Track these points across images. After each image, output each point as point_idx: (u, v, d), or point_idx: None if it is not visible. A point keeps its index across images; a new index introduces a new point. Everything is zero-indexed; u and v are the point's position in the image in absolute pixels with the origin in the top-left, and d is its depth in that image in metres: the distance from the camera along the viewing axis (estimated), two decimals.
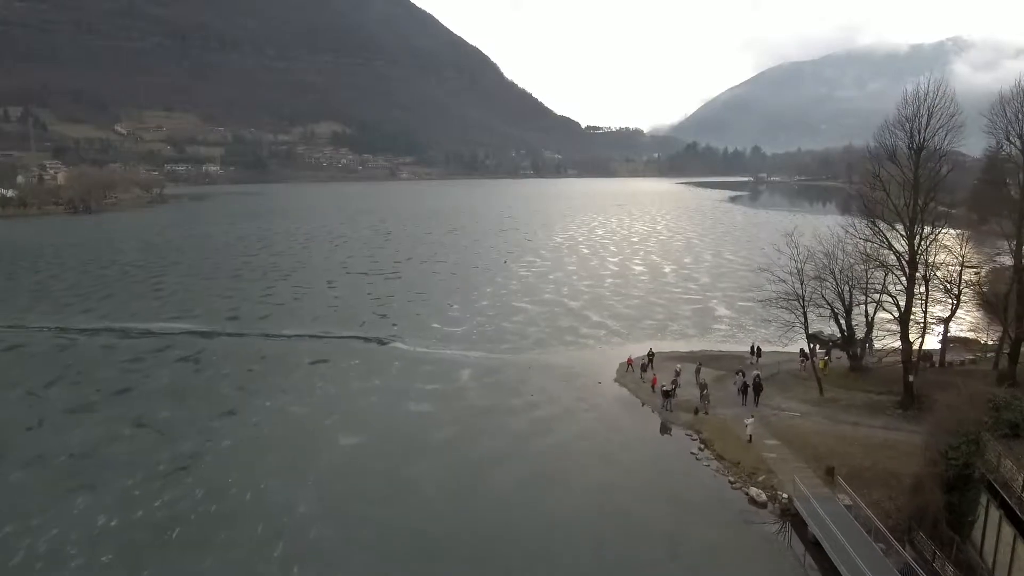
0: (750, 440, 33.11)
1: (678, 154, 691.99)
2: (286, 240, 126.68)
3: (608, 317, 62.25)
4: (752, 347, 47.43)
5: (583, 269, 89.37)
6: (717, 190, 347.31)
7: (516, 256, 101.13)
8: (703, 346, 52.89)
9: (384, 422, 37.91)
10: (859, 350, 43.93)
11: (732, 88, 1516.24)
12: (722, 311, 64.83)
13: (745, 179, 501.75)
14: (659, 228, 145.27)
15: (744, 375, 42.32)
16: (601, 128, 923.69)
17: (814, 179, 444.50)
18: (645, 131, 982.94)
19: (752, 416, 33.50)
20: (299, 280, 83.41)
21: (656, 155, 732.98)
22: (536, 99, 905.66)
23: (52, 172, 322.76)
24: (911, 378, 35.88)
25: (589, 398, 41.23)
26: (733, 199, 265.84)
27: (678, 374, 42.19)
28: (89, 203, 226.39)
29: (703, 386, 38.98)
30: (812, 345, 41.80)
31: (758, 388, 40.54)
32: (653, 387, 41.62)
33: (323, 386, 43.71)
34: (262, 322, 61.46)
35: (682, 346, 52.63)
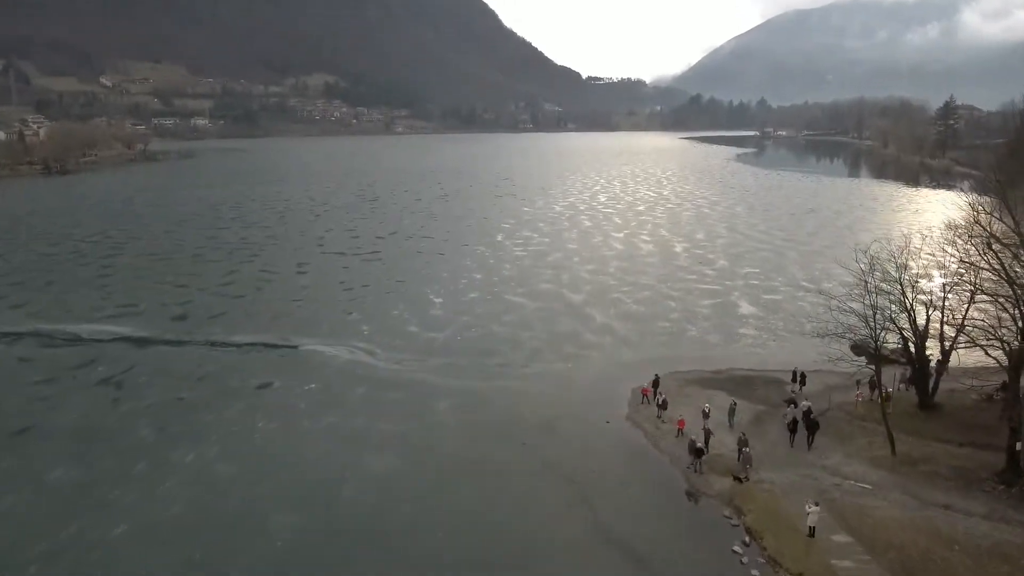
0: (811, 533, 24.77)
1: (682, 107, 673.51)
2: (263, 208, 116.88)
3: (615, 317, 53.49)
4: (794, 373, 38.76)
5: (585, 248, 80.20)
6: (723, 146, 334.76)
7: (511, 231, 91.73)
8: (728, 360, 44.04)
9: (333, 489, 29.47)
10: (932, 383, 35.23)
11: (737, 37, 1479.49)
12: (746, 307, 56.03)
13: (751, 133, 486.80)
14: (666, 193, 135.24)
15: (795, 406, 34.23)
16: (602, 79, 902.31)
17: (822, 133, 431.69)
18: (647, 82, 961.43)
19: (816, 504, 24.99)
20: (267, 262, 74.34)
21: (659, 107, 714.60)
22: (535, 48, 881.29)
23: (35, 127, 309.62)
24: (1019, 446, 27.30)
25: (594, 448, 32.77)
26: (741, 157, 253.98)
27: (707, 416, 33.66)
28: (65, 163, 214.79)
29: (742, 442, 30.44)
30: (880, 386, 32.94)
31: (812, 426, 32.48)
32: (680, 431, 33.24)
33: (264, 427, 35.19)
34: (212, 324, 52.70)
35: (704, 362, 43.85)
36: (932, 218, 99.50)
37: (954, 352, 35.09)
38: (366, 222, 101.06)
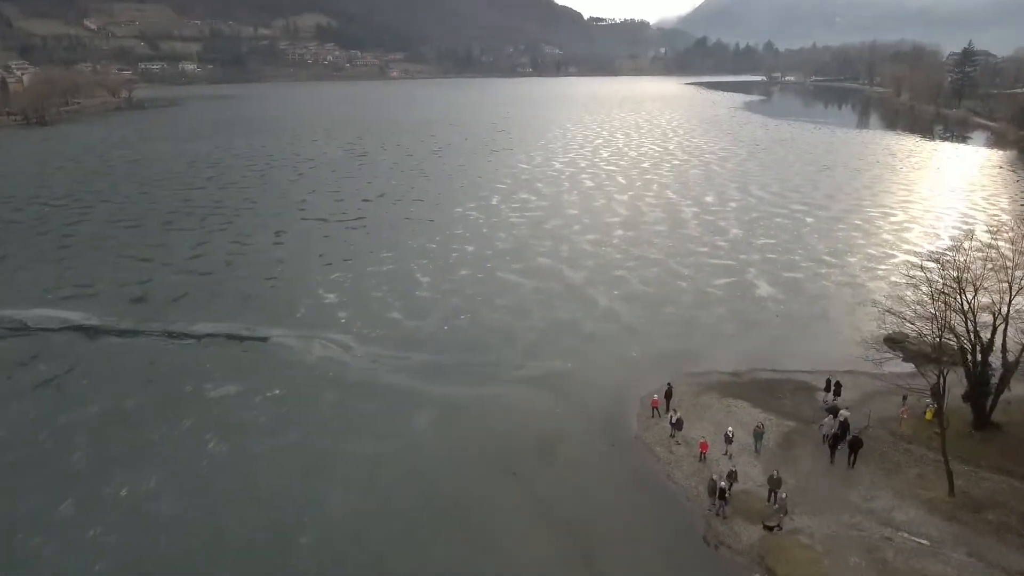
0: None
1: (686, 51, 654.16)
2: (244, 165, 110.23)
3: (619, 300, 48.31)
4: (828, 382, 33.70)
5: (586, 213, 74.40)
6: (729, 93, 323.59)
7: (507, 193, 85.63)
8: (748, 356, 38.99)
9: (288, 536, 24.85)
10: (991, 401, 30.24)
11: None
12: (764, 288, 50.79)
13: (757, 78, 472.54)
14: (672, 148, 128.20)
15: (834, 416, 29.71)
16: (605, 20, 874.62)
17: (831, 79, 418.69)
18: (651, 23, 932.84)
19: None
20: (241, 230, 68.65)
21: (663, 50, 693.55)
22: None
23: (18, 74, 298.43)
24: None
25: (597, 480, 28.02)
26: (748, 105, 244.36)
27: (730, 441, 28.91)
28: (45, 113, 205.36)
29: (775, 481, 25.72)
30: (942, 407, 27.77)
31: (855, 444, 28.03)
32: (703, 455, 28.61)
33: (215, 449, 30.38)
34: (172, 307, 47.58)
35: (720, 359, 38.86)
36: (955, 180, 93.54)
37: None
38: (352, 182, 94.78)
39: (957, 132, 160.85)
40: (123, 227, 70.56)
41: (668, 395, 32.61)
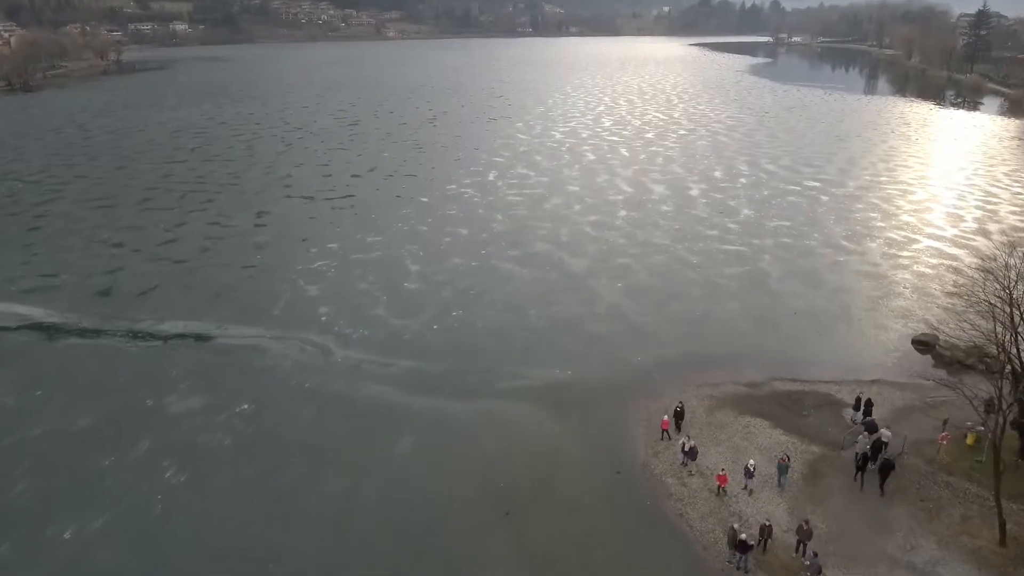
0: None
1: (690, 9, 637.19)
2: (230, 135, 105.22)
3: (624, 294, 44.73)
4: (858, 400, 30.28)
5: (588, 191, 70.25)
6: (734, 55, 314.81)
7: (505, 167, 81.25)
8: (765, 362, 35.69)
9: None
10: None
11: None
12: (779, 279, 47.10)
13: (763, 39, 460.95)
14: (676, 115, 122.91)
15: (867, 436, 26.84)
16: None
17: (838, 41, 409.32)
18: None
19: None
20: (221, 210, 64.67)
21: (666, 9, 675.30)
22: None
23: (6, 35, 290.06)
24: None
25: (600, 519, 24.88)
26: (754, 69, 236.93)
27: (751, 475, 25.66)
28: (29, 78, 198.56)
29: (804, 532, 22.50)
30: (997, 440, 24.31)
31: (886, 468, 25.27)
32: (720, 489, 25.53)
33: (172, 480, 27.09)
34: (140, 302, 44.03)
35: (735, 364, 35.52)
36: (974, 152, 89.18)
37: None
38: (342, 154, 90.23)
39: (969, 98, 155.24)
40: (96, 207, 66.48)
41: (679, 416, 29.30)
